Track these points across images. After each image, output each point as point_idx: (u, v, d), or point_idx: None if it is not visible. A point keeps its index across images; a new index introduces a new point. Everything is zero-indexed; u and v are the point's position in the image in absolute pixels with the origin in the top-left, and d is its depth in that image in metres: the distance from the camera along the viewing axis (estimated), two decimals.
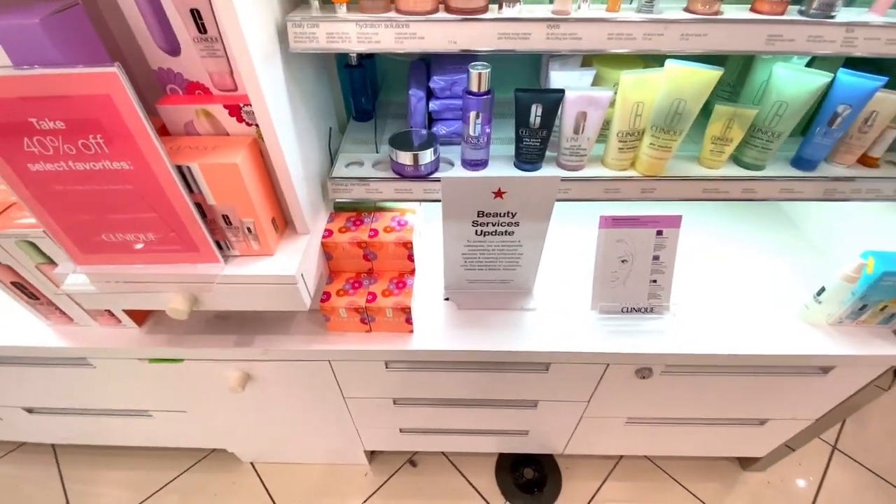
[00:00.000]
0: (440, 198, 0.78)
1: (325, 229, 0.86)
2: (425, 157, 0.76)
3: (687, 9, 0.62)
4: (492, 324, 0.92)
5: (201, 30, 0.56)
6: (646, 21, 0.60)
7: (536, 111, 0.72)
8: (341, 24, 0.60)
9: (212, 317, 0.93)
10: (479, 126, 0.73)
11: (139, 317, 0.91)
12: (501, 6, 0.61)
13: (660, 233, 0.85)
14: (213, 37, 0.57)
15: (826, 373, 0.93)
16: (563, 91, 0.71)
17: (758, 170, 0.79)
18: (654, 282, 0.89)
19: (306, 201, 0.74)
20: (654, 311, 0.92)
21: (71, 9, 0.54)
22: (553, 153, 0.81)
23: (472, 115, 0.72)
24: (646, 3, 0.61)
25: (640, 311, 0.92)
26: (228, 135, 0.64)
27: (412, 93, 0.80)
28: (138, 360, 0.93)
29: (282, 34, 0.62)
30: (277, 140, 0.61)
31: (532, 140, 0.75)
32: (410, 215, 0.90)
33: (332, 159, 0.84)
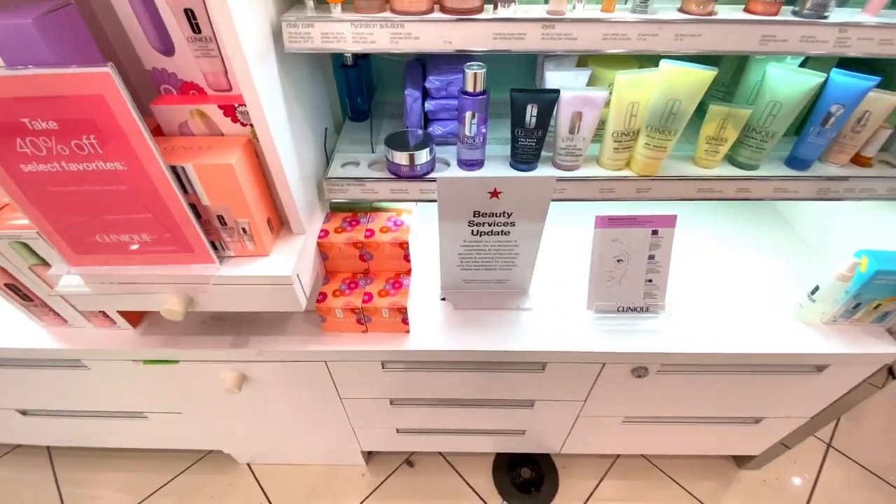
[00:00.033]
0: (436, 198, 0.78)
1: (321, 229, 0.86)
2: (421, 158, 0.76)
3: (681, 9, 0.63)
4: (488, 324, 0.92)
5: (195, 29, 0.56)
6: (640, 21, 0.60)
7: (532, 111, 0.72)
8: (336, 24, 0.60)
9: (207, 318, 0.93)
10: (475, 126, 0.73)
11: (134, 318, 0.91)
12: (496, 6, 0.61)
13: (655, 232, 0.86)
14: (207, 37, 0.57)
15: (820, 371, 0.94)
16: (559, 91, 0.71)
17: (752, 169, 0.79)
18: (650, 281, 0.89)
19: (302, 201, 0.74)
20: (649, 310, 0.92)
21: (64, 8, 0.54)
22: (549, 153, 0.81)
23: (467, 116, 0.72)
24: (640, 3, 0.61)
25: (636, 310, 0.92)
26: (223, 135, 0.64)
27: (408, 93, 0.80)
28: (133, 362, 0.93)
29: (276, 34, 0.62)
30: (272, 140, 0.61)
31: (528, 140, 0.76)
32: (406, 215, 0.90)
33: (328, 159, 0.83)
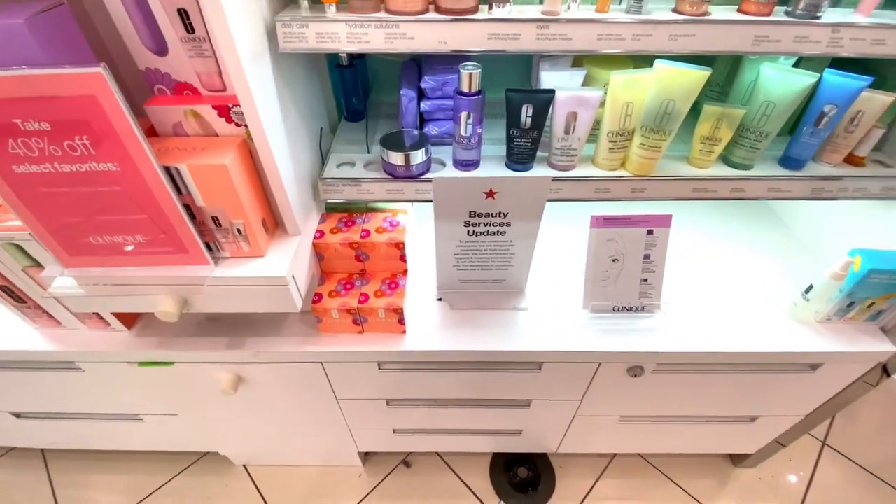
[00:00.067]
0: (432, 198, 0.78)
1: (317, 230, 0.86)
2: (417, 158, 0.76)
3: (675, 9, 0.63)
4: (484, 324, 0.92)
5: (189, 30, 0.56)
6: (635, 22, 0.60)
7: (527, 111, 0.72)
8: (331, 25, 0.60)
9: (203, 319, 0.93)
10: (471, 126, 0.73)
11: (128, 320, 0.90)
12: (491, 6, 0.61)
13: (650, 232, 0.86)
14: (200, 37, 0.56)
15: (815, 369, 0.94)
16: (554, 91, 0.71)
17: (746, 169, 0.80)
18: (645, 281, 0.90)
19: (297, 202, 0.74)
20: (645, 309, 0.92)
21: (56, 9, 0.53)
22: (544, 153, 0.81)
23: (463, 116, 0.72)
24: (635, 3, 0.61)
25: (632, 309, 0.92)
26: (217, 135, 0.64)
27: (403, 93, 0.80)
28: (128, 364, 0.92)
29: (271, 34, 0.61)
30: (267, 141, 0.61)
31: (523, 140, 0.76)
32: (402, 216, 0.90)
33: (324, 160, 0.83)
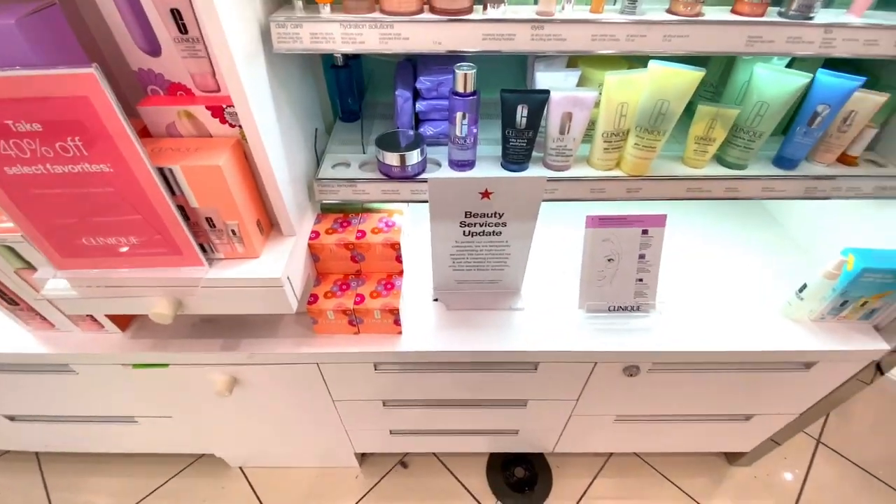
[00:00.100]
0: (427, 199, 0.78)
1: (312, 231, 0.85)
2: (412, 158, 0.76)
3: (669, 10, 0.63)
4: (480, 324, 0.92)
5: (182, 30, 0.56)
6: (629, 22, 0.60)
7: (522, 112, 0.72)
8: (325, 25, 0.60)
9: (197, 320, 0.92)
10: (466, 127, 0.73)
11: (122, 321, 0.90)
12: (486, 7, 0.61)
13: (645, 232, 0.86)
14: (194, 37, 0.56)
15: (809, 368, 0.95)
16: (549, 92, 0.71)
17: (740, 169, 0.80)
18: (641, 280, 0.90)
19: (292, 203, 0.74)
20: (640, 309, 0.93)
21: (48, 9, 0.53)
22: (539, 153, 0.81)
23: (458, 116, 0.72)
24: (629, 4, 0.61)
25: (627, 309, 0.93)
26: (211, 136, 0.64)
27: (399, 93, 0.80)
28: (122, 366, 0.91)
29: (265, 34, 0.61)
30: (261, 141, 0.61)
31: (518, 140, 0.76)
32: (398, 216, 0.90)
33: (319, 160, 0.83)
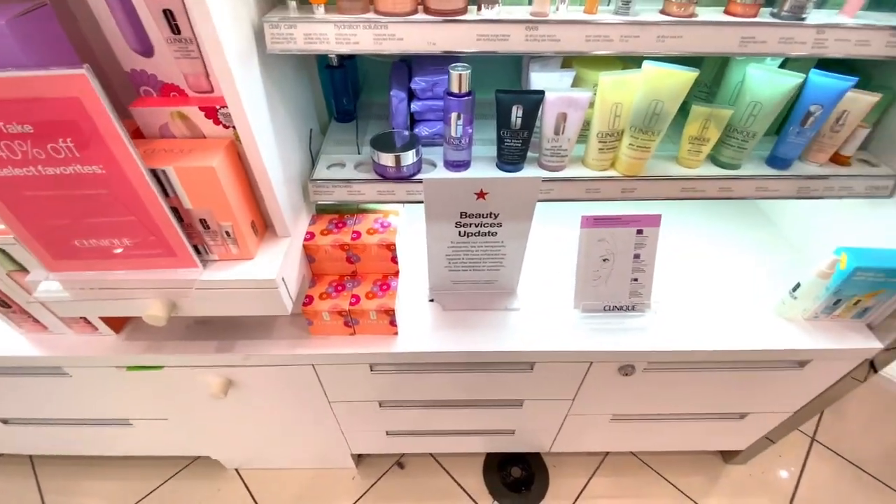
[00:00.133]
0: (423, 199, 0.78)
1: (307, 232, 0.85)
2: (407, 159, 0.76)
3: (663, 11, 0.63)
4: (476, 324, 0.92)
5: (174, 30, 0.55)
6: (623, 23, 0.60)
7: (517, 112, 0.72)
8: (319, 25, 0.59)
9: (192, 322, 0.92)
10: (461, 127, 0.73)
11: (116, 324, 0.89)
12: (480, 8, 0.61)
13: (640, 232, 0.86)
14: (186, 38, 0.56)
15: (803, 366, 0.95)
16: (544, 92, 0.71)
17: (734, 169, 0.81)
18: (636, 280, 0.90)
19: (286, 204, 0.74)
20: (635, 308, 0.93)
21: (39, 9, 0.52)
22: (534, 154, 0.81)
23: (453, 117, 0.72)
24: (622, 5, 0.61)
25: (622, 309, 0.93)
26: (205, 137, 0.63)
27: (394, 94, 0.79)
28: (116, 369, 0.91)
29: (259, 35, 0.61)
30: (255, 142, 0.61)
31: (513, 141, 0.76)
32: (393, 217, 0.90)
33: (314, 161, 0.83)
